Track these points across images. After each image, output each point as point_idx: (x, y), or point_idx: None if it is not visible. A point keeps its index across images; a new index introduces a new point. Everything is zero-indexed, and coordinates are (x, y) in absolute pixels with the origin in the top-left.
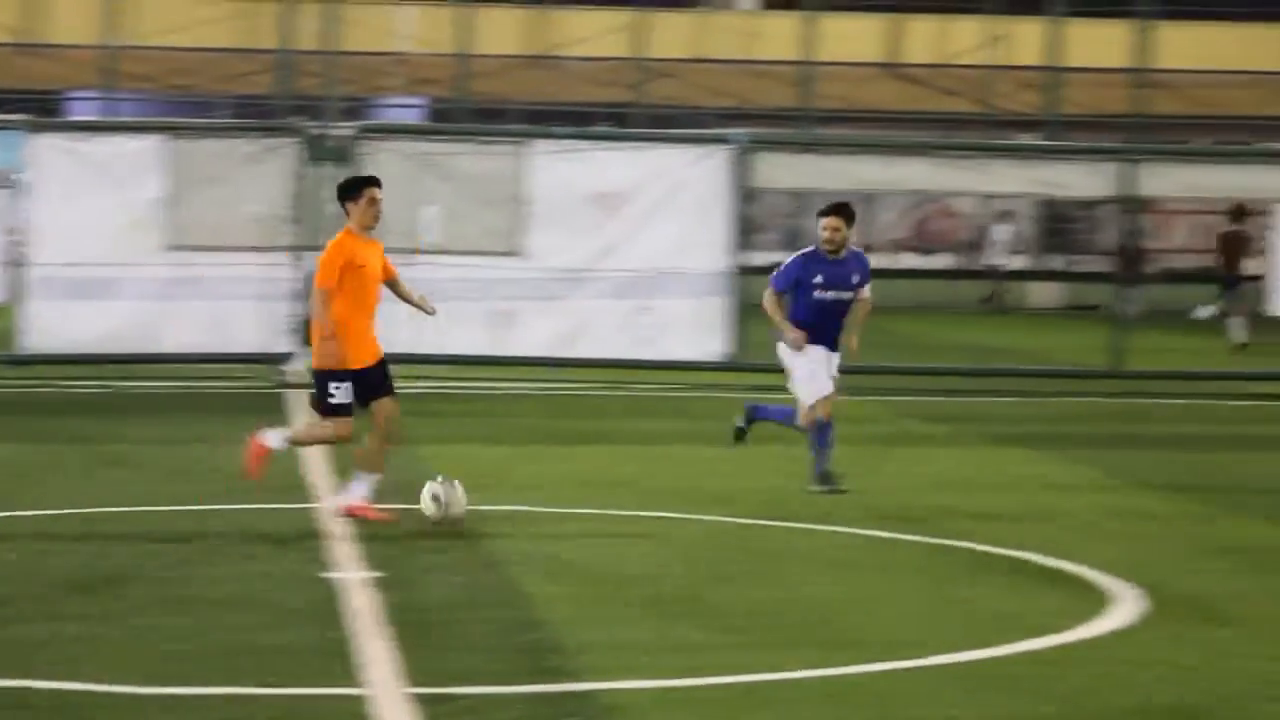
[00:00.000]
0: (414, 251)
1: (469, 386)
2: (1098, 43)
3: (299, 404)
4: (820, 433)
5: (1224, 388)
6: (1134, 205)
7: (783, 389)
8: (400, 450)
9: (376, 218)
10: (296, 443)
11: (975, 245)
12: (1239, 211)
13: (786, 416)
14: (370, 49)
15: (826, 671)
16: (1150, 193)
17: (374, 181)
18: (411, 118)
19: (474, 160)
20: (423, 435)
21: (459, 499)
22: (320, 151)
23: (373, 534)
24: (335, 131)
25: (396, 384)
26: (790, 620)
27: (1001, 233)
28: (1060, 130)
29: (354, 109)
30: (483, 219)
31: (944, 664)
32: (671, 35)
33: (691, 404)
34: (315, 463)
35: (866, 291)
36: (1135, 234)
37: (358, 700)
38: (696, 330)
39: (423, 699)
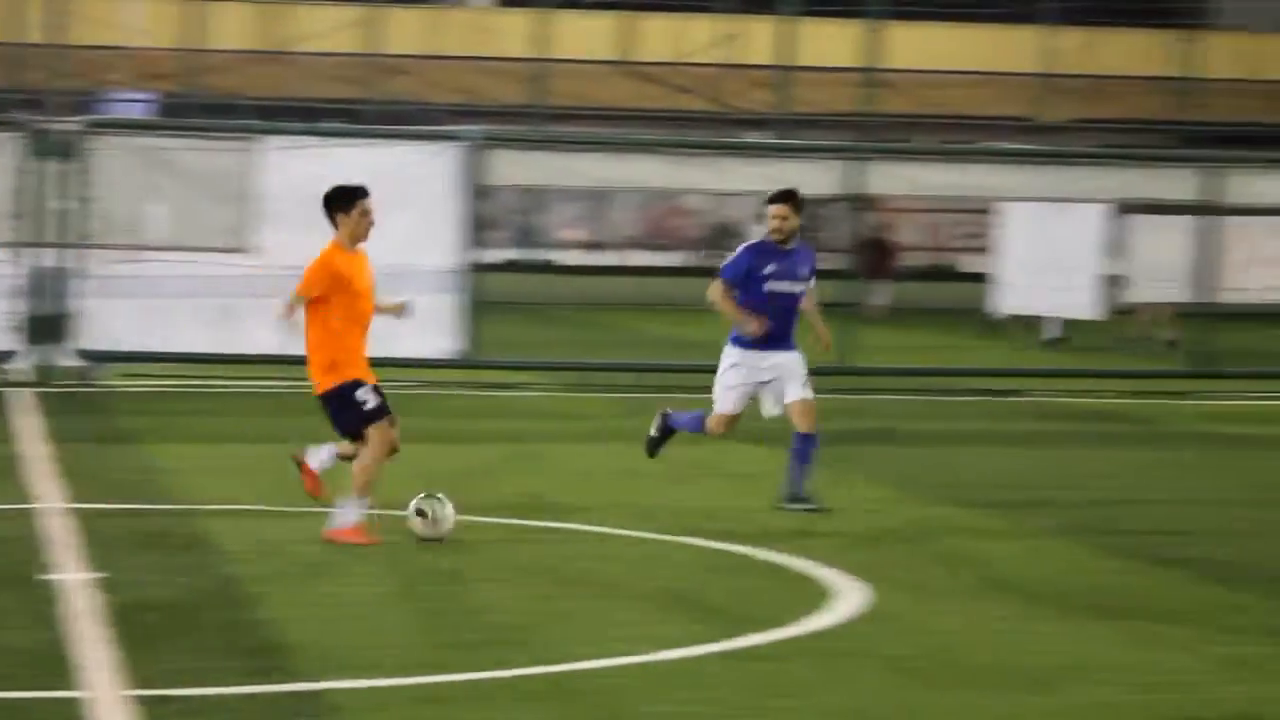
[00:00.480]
0: (139, 249)
1: (197, 385)
2: (828, 42)
3: (20, 403)
4: (802, 447)
5: (950, 384)
6: (862, 203)
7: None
8: (126, 450)
9: (369, 230)
10: (364, 491)
11: (714, 243)
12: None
13: (697, 424)
14: (97, 43)
15: (550, 669)
16: (878, 191)
17: (364, 192)
18: (140, 113)
19: (203, 156)
20: (149, 434)
21: (447, 515)
22: (45, 146)
23: (96, 535)
24: (60, 126)
25: (122, 382)
26: (506, 619)
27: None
28: (791, 128)
29: (81, 103)
30: (211, 216)
31: (667, 660)
32: (404, 31)
33: (424, 401)
34: (38, 465)
35: (813, 288)
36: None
37: (75, 704)
38: (428, 327)
39: (143, 701)
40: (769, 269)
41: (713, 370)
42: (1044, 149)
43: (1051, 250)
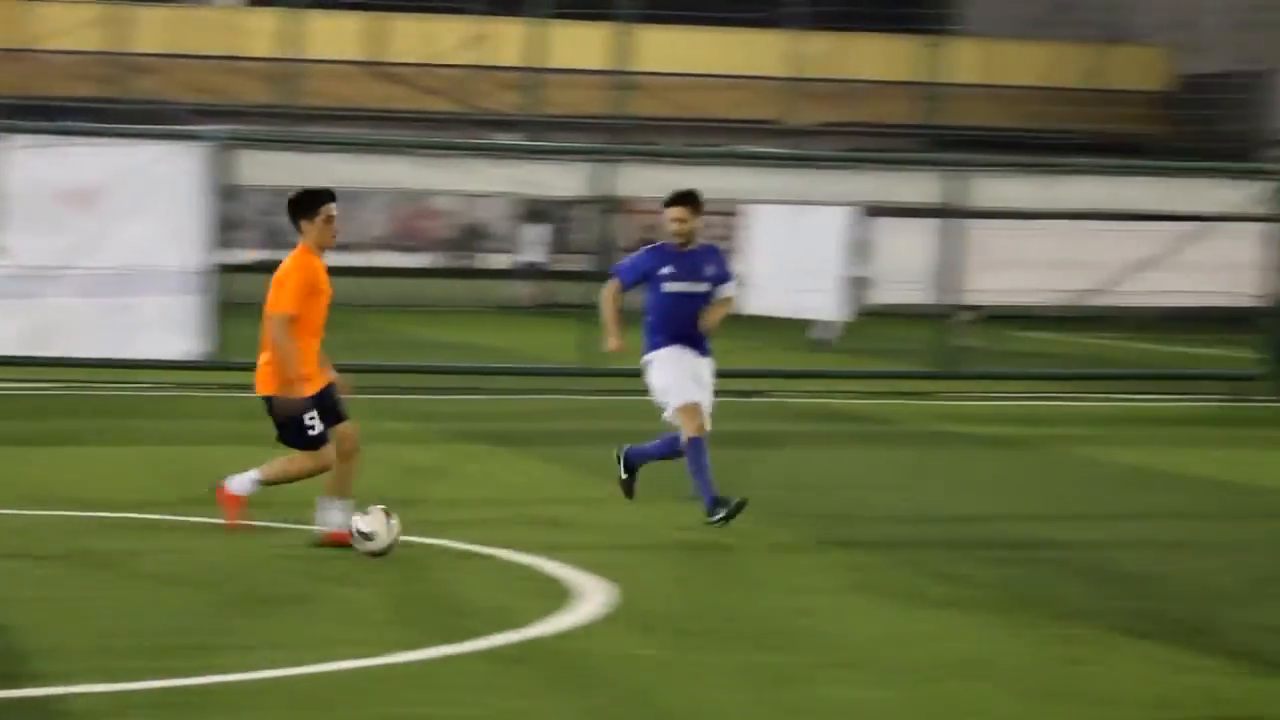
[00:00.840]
0: None
1: None
2: (578, 44)
3: None
4: (695, 453)
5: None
6: (610, 205)
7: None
8: None
9: (334, 236)
10: (270, 483)
11: (463, 244)
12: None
13: (670, 446)
14: None
15: (279, 673)
16: (626, 193)
17: (329, 196)
18: None
19: None
20: None
21: (392, 530)
22: None
23: None
24: None
25: None
26: (235, 624)
27: (534, 232)
28: (540, 130)
29: None
30: None
31: (401, 662)
32: (151, 29)
33: (168, 403)
34: None
35: (729, 289)
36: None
37: None
38: (173, 328)
39: None
40: (667, 270)
41: (462, 372)
42: (791, 152)
43: (798, 252)
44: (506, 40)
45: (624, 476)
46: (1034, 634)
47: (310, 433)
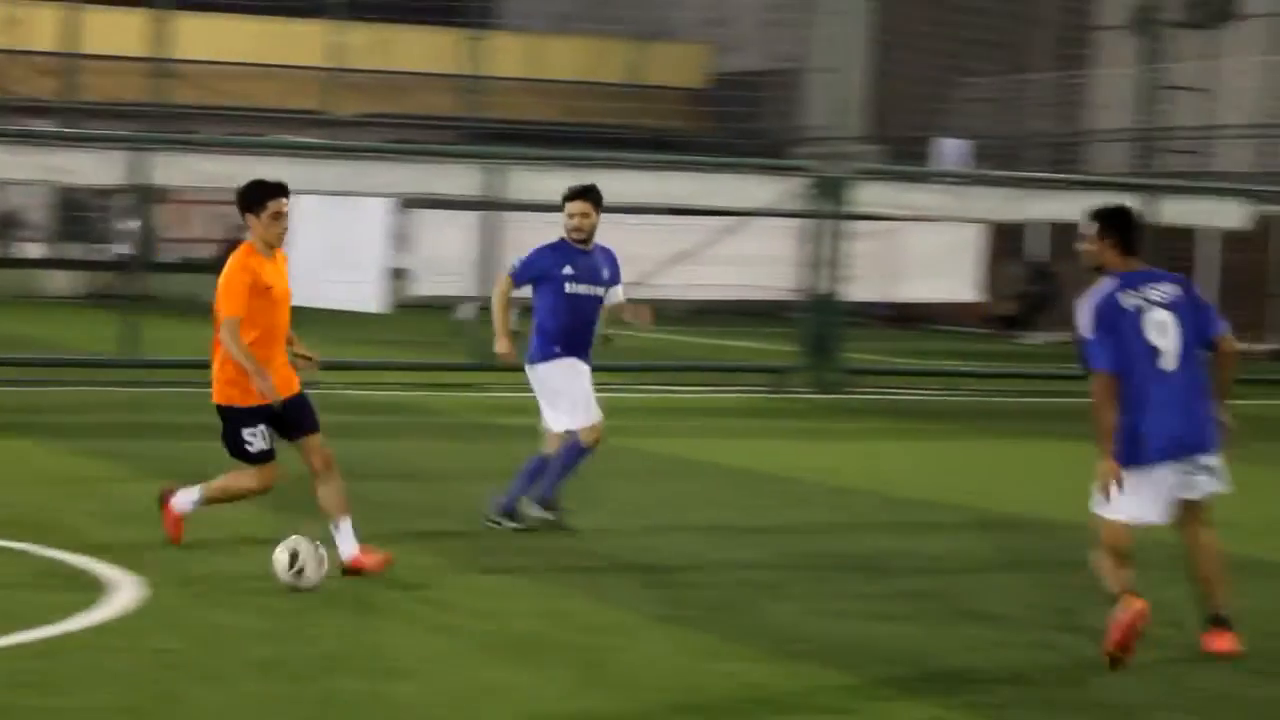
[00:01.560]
0: None
1: None
2: (115, 31)
3: None
4: (575, 457)
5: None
6: (147, 194)
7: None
8: None
9: (282, 235)
10: (213, 501)
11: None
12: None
13: (569, 459)
14: None
15: None
16: (164, 182)
17: (280, 190)
18: None
19: None
20: None
21: (318, 566)
22: None
23: None
24: None
25: None
26: None
27: (129, 224)
28: (76, 117)
29: None
30: None
31: None
32: None
33: None
34: None
35: (620, 294)
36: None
37: None
38: None
39: None
40: (568, 270)
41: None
42: (332, 143)
43: (340, 244)
44: (40, 24)
45: (549, 518)
46: (566, 620)
47: (248, 449)
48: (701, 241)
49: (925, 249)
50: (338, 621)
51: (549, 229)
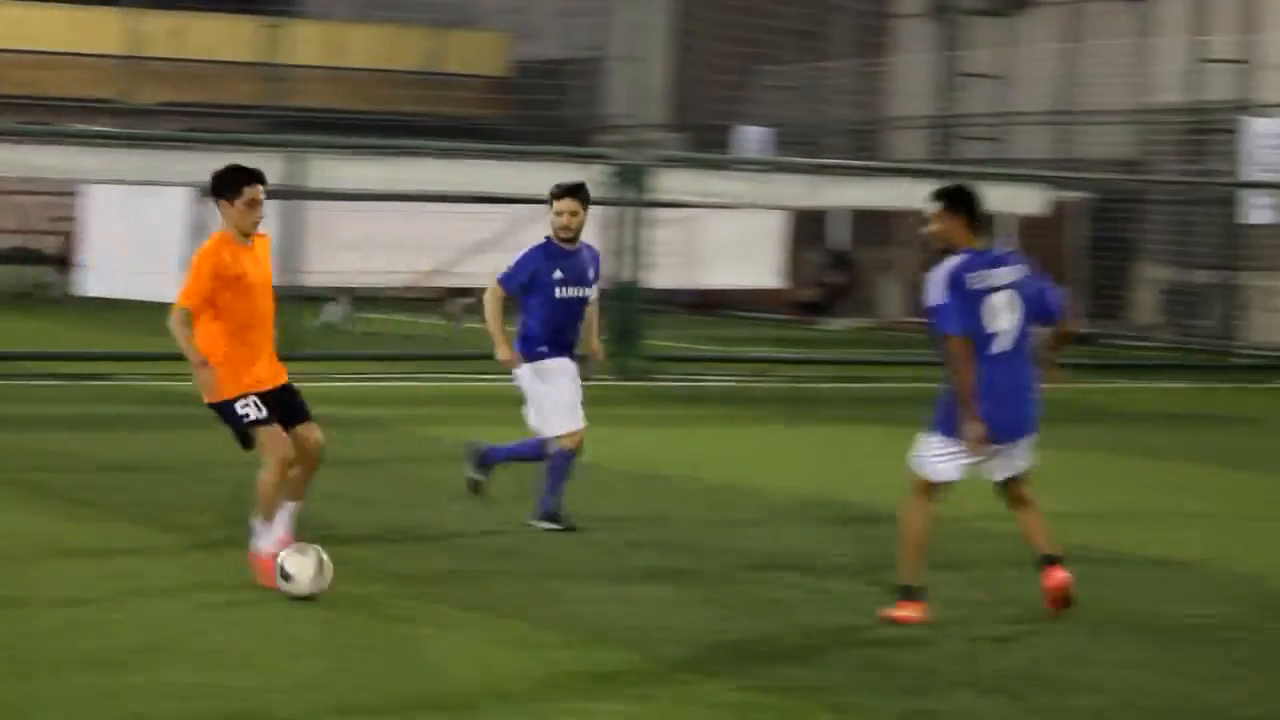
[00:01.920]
0: None
1: None
2: None
3: None
4: (562, 463)
5: (31, 368)
6: None
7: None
8: None
9: (257, 223)
10: (270, 515)
11: None
12: None
13: (531, 450)
14: None
15: None
16: None
17: (255, 177)
18: None
19: None
20: None
21: (316, 574)
22: None
23: None
24: None
25: None
26: None
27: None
28: None
29: None
30: None
31: None
32: None
33: None
34: None
35: (596, 291)
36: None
37: None
38: None
39: None
40: (557, 273)
41: None
42: (129, 131)
43: (138, 234)
44: None
45: (477, 478)
46: (367, 610)
47: (245, 419)
48: (503, 230)
49: (727, 236)
50: (159, 612)
51: (351, 219)
